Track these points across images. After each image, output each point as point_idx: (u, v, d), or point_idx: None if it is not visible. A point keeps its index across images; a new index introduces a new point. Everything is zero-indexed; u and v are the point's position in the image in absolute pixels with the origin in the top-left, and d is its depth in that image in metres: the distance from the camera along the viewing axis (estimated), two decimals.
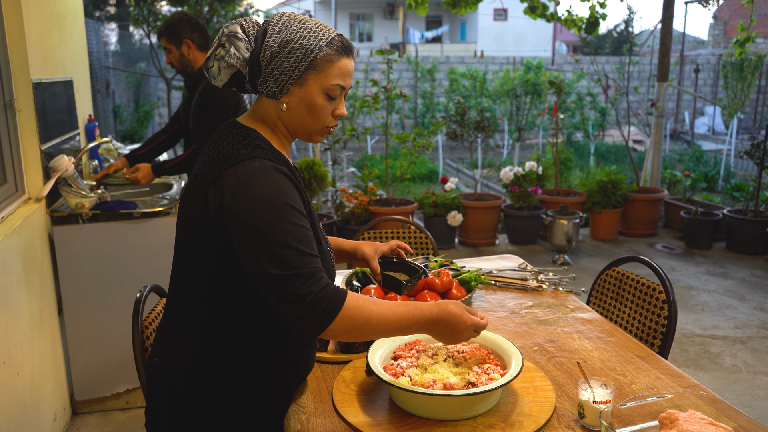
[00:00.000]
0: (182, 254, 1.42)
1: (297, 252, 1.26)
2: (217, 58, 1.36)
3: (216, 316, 1.39)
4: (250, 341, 1.40)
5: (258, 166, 1.30)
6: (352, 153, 9.33)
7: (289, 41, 1.33)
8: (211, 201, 1.31)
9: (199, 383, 1.40)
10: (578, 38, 10.62)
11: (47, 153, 2.85)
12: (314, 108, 1.37)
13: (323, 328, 1.26)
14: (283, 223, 1.26)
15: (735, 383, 3.44)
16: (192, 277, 1.40)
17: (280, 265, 1.25)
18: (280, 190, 1.29)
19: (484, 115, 6.25)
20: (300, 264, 1.26)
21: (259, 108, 1.42)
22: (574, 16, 6.20)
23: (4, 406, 2.12)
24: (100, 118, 7.73)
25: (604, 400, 1.38)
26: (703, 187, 7.87)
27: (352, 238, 4.47)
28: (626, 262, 2.32)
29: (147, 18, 6.49)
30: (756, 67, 10.18)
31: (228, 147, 1.34)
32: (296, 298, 1.24)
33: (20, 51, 2.63)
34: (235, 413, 1.41)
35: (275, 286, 1.25)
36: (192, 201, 1.36)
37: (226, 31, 1.36)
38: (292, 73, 1.34)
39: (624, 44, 14.03)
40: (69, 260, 2.86)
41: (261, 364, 1.42)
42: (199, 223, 1.34)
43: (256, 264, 1.26)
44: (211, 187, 1.31)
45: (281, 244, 1.25)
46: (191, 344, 1.41)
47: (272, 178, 1.29)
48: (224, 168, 1.31)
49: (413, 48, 17.85)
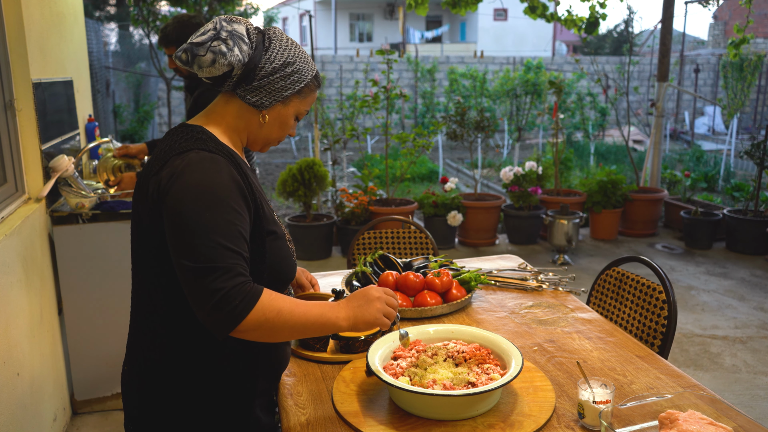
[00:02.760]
0: (135, 253, 1.42)
1: (216, 245, 1.24)
2: (213, 50, 1.33)
3: (174, 310, 1.37)
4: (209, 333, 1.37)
5: (194, 157, 1.30)
6: (352, 153, 9.33)
7: (290, 63, 1.40)
8: (150, 192, 1.32)
9: (165, 380, 1.39)
10: (578, 38, 10.62)
11: (47, 153, 2.85)
12: (285, 126, 1.46)
13: (233, 326, 1.23)
14: (206, 214, 1.25)
15: (735, 383, 3.44)
16: (145, 276, 1.39)
17: (195, 257, 1.23)
18: (212, 182, 1.28)
19: (484, 115, 6.26)
20: (217, 257, 1.23)
21: (221, 109, 1.43)
22: (574, 16, 6.20)
23: (4, 406, 2.12)
24: (100, 118, 7.74)
25: (604, 400, 1.38)
26: (703, 187, 7.87)
27: (352, 238, 4.47)
28: (626, 262, 2.32)
29: (147, 18, 6.49)
30: (756, 67, 10.17)
31: (171, 143, 1.36)
32: (207, 293, 1.22)
33: (20, 51, 2.63)
34: (203, 408, 1.40)
35: (187, 277, 1.24)
36: (136, 196, 1.38)
37: (228, 27, 1.35)
38: (284, 92, 1.40)
39: (624, 44, 14.03)
40: (69, 260, 2.86)
41: (223, 356, 1.40)
42: (143, 216, 1.35)
43: (174, 252, 1.26)
44: (152, 179, 1.33)
45: (201, 235, 1.24)
46: (154, 341, 1.39)
47: (206, 168, 1.29)
48: (165, 160, 1.32)
49: (413, 48, 17.85)
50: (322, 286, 2.29)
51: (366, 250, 2.92)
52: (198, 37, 1.35)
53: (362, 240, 2.93)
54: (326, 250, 5.49)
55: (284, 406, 1.51)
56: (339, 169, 7.42)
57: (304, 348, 1.74)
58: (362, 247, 2.92)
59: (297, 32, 27.01)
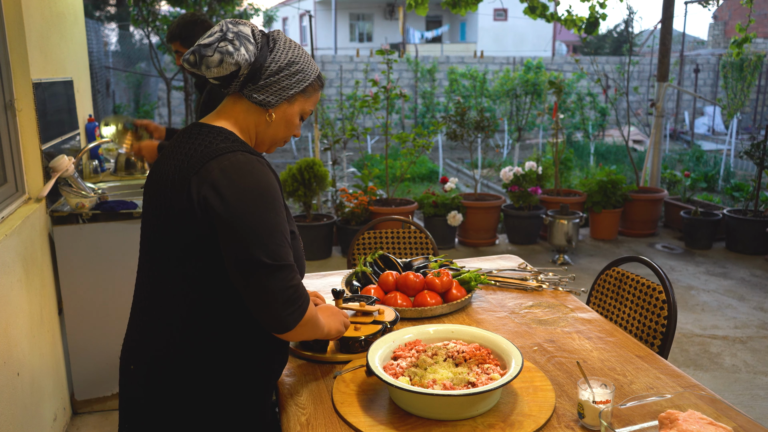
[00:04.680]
0: (156, 249, 1.41)
1: (284, 243, 1.33)
2: (221, 51, 1.36)
3: (197, 308, 1.38)
4: (235, 331, 1.40)
5: (242, 159, 1.34)
6: (352, 153, 9.33)
7: (294, 62, 1.43)
8: (194, 192, 1.32)
9: (172, 379, 1.39)
10: (578, 38, 10.62)
11: (47, 153, 2.85)
12: (290, 125, 1.49)
13: (299, 319, 1.35)
14: (271, 214, 1.32)
15: (735, 383, 3.44)
16: (168, 273, 1.39)
17: (268, 254, 1.30)
18: (267, 182, 1.34)
19: (484, 115, 6.25)
20: (286, 255, 1.33)
21: (231, 110, 1.45)
22: (574, 16, 6.20)
23: (4, 406, 2.12)
24: (100, 118, 7.73)
25: (604, 400, 1.38)
26: (703, 187, 7.87)
27: (352, 238, 4.47)
28: (626, 262, 2.32)
29: (147, 18, 6.49)
30: (756, 67, 10.18)
31: (205, 143, 1.37)
32: (281, 289, 1.31)
33: (20, 51, 2.63)
34: (207, 409, 1.41)
35: (260, 274, 1.29)
36: (171, 195, 1.35)
37: (234, 29, 1.39)
38: (289, 91, 1.44)
39: (624, 44, 14.04)
40: (69, 260, 2.86)
41: (244, 355, 1.42)
42: (179, 216, 1.34)
43: (241, 251, 1.29)
44: (194, 178, 1.32)
45: (270, 235, 1.31)
46: (168, 340, 1.39)
47: (257, 170, 1.34)
48: (206, 160, 1.33)
49: (413, 48, 17.84)
50: (322, 286, 2.29)
51: (366, 250, 2.92)
52: (205, 39, 1.39)
53: (362, 240, 2.93)
54: (326, 250, 5.50)
55: (284, 406, 1.51)
56: (339, 169, 7.43)
57: (304, 348, 1.74)
58: (362, 247, 2.92)
59: (297, 32, 26.99)
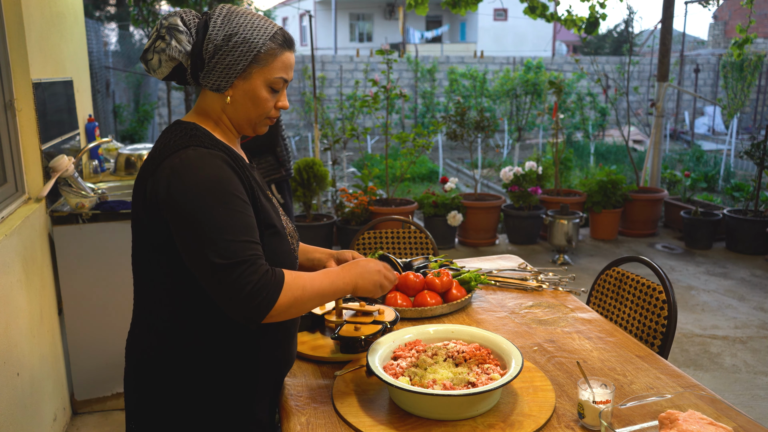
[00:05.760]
0: (136, 253, 1.41)
1: (235, 240, 1.25)
2: (157, 51, 1.33)
3: (175, 308, 1.37)
4: (216, 328, 1.38)
5: (192, 154, 1.29)
6: (352, 153, 9.33)
7: (232, 35, 1.32)
8: (148, 192, 1.31)
9: (160, 377, 1.39)
10: (578, 38, 10.62)
11: (47, 153, 2.85)
12: (258, 101, 1.38)
13: (265, 314, 1.27)
14: (220, 209, 1.25)
15: (735, 383, 3.44)
16: (148, 274, 1.39)
17: (217, 253, 1.23)
18: (216, 176, 1.28)
19: (484, 115, 6.25)
20: (238, 251, 1.25)
21: (203, 102, 1.42)
22: (574, 16, 6.20)
23: (4, 406, 2.12)
24: (100, 118, 7.74)
25: (604, 400, 1.38)
26: (703, 187, 7.87)
27: (352, 238, 4.47)
28: (626, 262, 2.32)
29: (147, 18, 6.49)
30: (756, 67, 10.18)
31: (165, 141, 1.35)
32: (235, 288, 1.24)
33: (20, 51, 2.63)
34: (199, 408, 1.40)
35: (210, 274, 1.24)
36: (136, 197, 1.36)
37: (165, 23, 1.34)
38: (236, 67, 1.34)
39: (624, 44, 14.04)
40: (69, 260, 2.86)
41: (221, 355, 1.40)
42: (141, 217, 1.34)
43: (193, 251, 1.26)
44: (149, 179, 1.32)
45: (219, 231, 1.24)
46: (152, 339, 1.39)
47: (207, 164, 1.28)
48: (161, 160, 1.31)
49: (413, 48, 17.85)
50: None
51: (366, 250, 2.92)
52: (147, 43, 1.35)
53: (362, 240, 2.93)
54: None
55: (284, 406, 1.51)
56: (339, 169, 7.43)
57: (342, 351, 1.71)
58: (362, 247, 2.92)
59: (297, 32, 27.00)
